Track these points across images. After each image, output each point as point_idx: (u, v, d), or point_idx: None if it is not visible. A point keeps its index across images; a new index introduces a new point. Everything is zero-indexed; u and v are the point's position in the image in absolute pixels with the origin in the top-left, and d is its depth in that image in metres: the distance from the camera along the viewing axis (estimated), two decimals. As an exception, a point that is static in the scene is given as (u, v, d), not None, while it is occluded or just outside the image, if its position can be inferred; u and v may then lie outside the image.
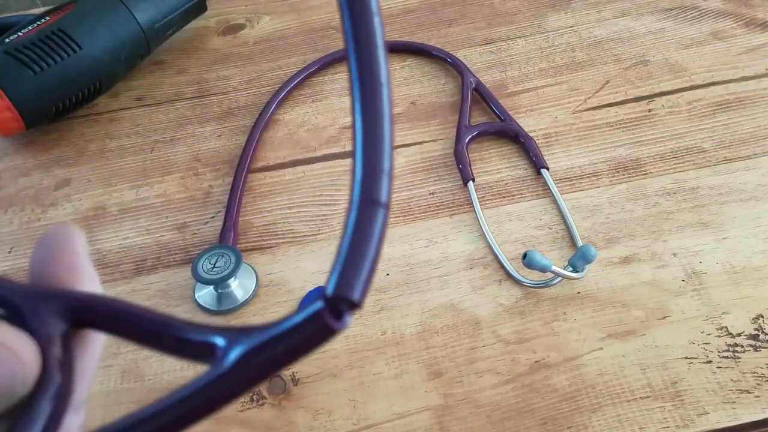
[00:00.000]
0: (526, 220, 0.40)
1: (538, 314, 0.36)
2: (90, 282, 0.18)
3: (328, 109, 0.49)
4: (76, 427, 0.17)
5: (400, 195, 0.42)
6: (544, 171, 0.42)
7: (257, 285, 0.38)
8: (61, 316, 0.16)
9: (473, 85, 0.48)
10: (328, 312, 0.13)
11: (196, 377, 0.15)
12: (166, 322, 0.16)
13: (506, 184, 0.42)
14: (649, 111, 0.46)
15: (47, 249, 0.17)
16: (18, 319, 0.16)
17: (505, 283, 0.37)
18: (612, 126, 0.45)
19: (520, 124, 0.45)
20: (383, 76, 0.14)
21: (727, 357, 0.33)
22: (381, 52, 0.14)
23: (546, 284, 0.37)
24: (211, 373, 0.15)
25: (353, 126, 0.14)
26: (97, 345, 0.18)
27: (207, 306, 0.37)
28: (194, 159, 0.46)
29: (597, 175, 0.42)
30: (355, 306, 0.13)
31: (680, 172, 0.42)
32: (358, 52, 0.14)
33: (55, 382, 0.16)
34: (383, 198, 0.13)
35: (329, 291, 0.13)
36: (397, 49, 0.53)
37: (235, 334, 0.15)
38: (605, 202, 0.41)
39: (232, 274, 0.36)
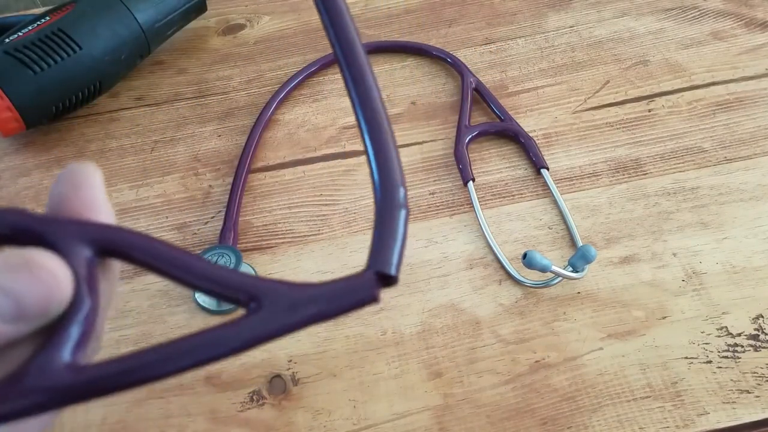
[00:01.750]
0: (526, 220, 0.40)
1: (538, 314, 0.36)
2: (107, 217, 0.18)
3: (328, 109, 0.49)
4: (92, 353, 0.18)
5: (400, 195, 0.42)
6: (544, 171, 0.42)
7: (257, 285, 0.38)
8: (85, 243, 0.16)
9: (473, 85, 0.48)
10: (375, 281, 0.16)
11: (243, 317, 0.16)
12: (197, 258, 0.17)
13: (506, 184, 0.42)
14: (649, 111, 0.46)
15: (66, 184, 0.18)
16: (43, 245, 0.16)
17: (505, 283, 0.37)
18: (612, 126, 0.45)
19: (520, 124, 0.45)
20: (386, 125, 0.18)
21: (727, 357, 0.33)
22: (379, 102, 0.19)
23: (546, 284, 0.37)
24: (266, 314, 0.16)
25: (367, 155, 0.18)
26: (115, 274, 0.18)
27: (207, 306, 0.37)
28: (194, 159, 0.46)
29: (597, 175, 0.42)
30: (392, 281, 0.16)
31: (680, 172, 0.42)
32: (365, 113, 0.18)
33: (86, 306, 0.16)
34: (403, 201, 0.17)
35: (374, 265, 0.16)
36: (397, 49, 0.53)
37: (274, 285, 0.16)
38: (605, 202, 0.41)
39: (232, 274, 0.36)
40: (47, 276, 0.15)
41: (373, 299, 0.16)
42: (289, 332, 0.16)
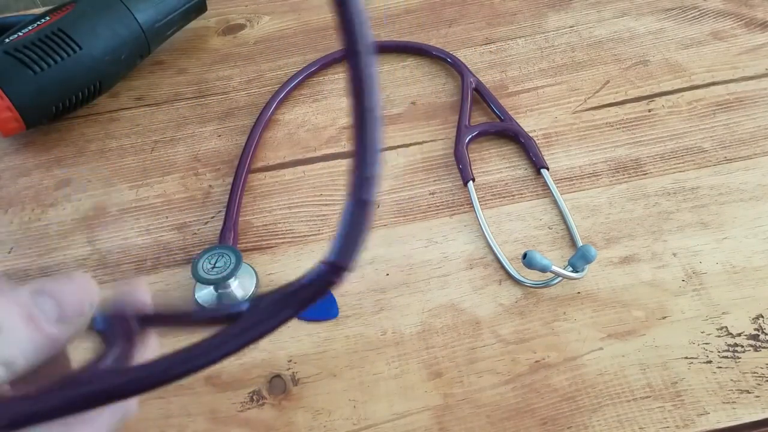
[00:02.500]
0: (526, 220, 0.40)
1: (538, 314, 0.36)
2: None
3: (328, 109, 0.49)
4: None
5: (400, 195, 0.42)
6: (544, 171, 0.42)
7: (257, 285, 0.38)
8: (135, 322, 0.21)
9: (473, 85, 0.48)
10: (330, 271, 0.18)
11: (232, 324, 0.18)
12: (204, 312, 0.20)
13: (506, 184, 0.42)
14: (649, 111, 0.46)
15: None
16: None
17: (505, 283, 0.37)
18: (612, 126, 0.45)
19: (520, 124, 0.45)
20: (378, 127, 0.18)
21: (727, 357, 0.33)
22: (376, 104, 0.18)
23: (546, 284, 0.37)
24: (245, 317, 0.18)
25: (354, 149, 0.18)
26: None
27: (207, 306, 0.37)
28: (194, 159, 0.46)
29: (597, 175, 0.42)
30: (347, 269, 0.18)
31: (680, 172, 0.42)
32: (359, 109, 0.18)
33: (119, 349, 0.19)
34: (370, 198, 0.18)
35: (330, 258, 0.18)
36: (397, 49, 0.53)
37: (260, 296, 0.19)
38: (605, 202, 0.41)
39: (232, 274, 0.36)
40: (82, 280, 0.20)
41: (329, 284, 0.18)
42: (263, 336, 0.18)
